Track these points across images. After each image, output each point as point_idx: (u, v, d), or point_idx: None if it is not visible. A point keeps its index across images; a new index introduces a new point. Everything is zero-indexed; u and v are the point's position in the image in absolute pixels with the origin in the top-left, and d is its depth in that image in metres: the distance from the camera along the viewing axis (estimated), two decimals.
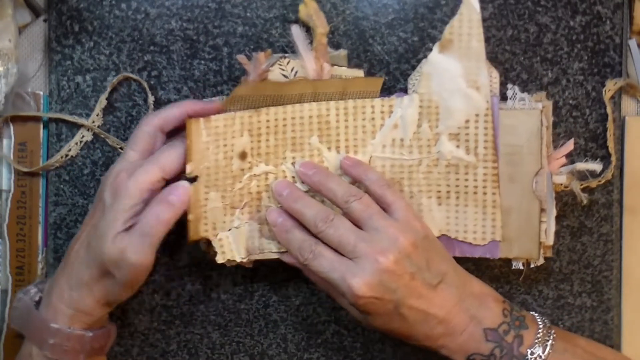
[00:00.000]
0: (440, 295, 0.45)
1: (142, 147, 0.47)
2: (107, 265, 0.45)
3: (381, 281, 0.43)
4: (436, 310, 0.45)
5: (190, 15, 0.54)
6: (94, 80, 0.54)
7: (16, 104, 0.54)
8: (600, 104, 0.55)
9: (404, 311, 0.45)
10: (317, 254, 0.45)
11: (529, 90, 0.54)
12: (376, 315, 0.45)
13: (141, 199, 0.45)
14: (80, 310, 0.46)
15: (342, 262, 0.44)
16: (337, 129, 0.50)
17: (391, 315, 0.45)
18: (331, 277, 0.44)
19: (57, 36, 0.54)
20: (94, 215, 0.48)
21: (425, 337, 0.46)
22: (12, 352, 0.54)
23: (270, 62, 0.51)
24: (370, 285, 0.43)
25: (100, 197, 0.47)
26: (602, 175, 0.55)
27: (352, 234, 0.45)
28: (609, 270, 0.56)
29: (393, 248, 0.44)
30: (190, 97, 0.54)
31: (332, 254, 0.45)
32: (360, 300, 0.44)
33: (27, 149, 0.54)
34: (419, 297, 0.45)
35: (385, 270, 0.43)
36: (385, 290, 0.44)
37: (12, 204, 0.54)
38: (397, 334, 0.46)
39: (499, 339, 0.45)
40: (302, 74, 0.51)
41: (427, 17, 0.54)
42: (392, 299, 0.44)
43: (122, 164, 0.47)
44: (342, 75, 0.52)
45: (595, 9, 0.54)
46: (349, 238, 0.45)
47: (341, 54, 0.53)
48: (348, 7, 0.54)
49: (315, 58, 0.51)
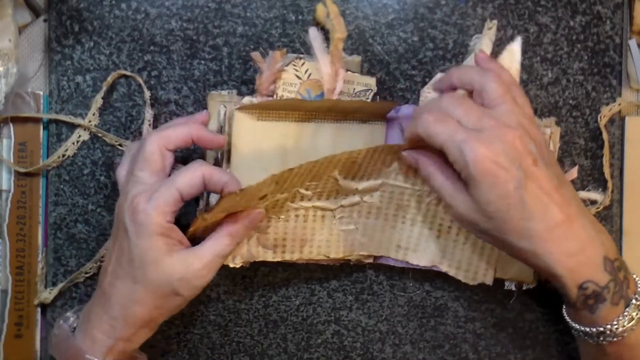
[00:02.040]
0: (561, 197, 0.41)
1: (153, 168, 0.46)
2: (175, 288, 0.45)
3: (504, 151, 0.40)
4: (556, 210, 0.41)
5: (190, 15, 0.54)
6: (94, 80, 0.54)
7: (16, 104, 0.54)
8: (600, 104, 0.55)
9: (525, 195, 0.40)
10: (438, 119, 0.42)
11: (529, 90, 0.54)
12: (494, 193, 0.40)
13: (166, 221, 0.44)
14: (123, 339, 0.46)
15: (467, 129, 0.41)
16: (360, 165, 0.50)
17: (510, 197, 0.40)
18: (453, 140, 0.41)
19: (57, 36, 0.54)
20: (120, 246, 0.46)
21: (539, 237, 0.41)
22: (12, 352, 0.54)
23: (285, 62, 0.51)
24: (496, 150, 0.40)
25: (120, 225, 0.46)
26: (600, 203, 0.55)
27: (477, 109, 0.42)
28: None
29: (519, 127, 0.41)
30: (190, 97, 0.54)
31: (454, 121, 0.42)
32: (483, 164, 0.40)
33: (27, 149, 0.54)
34: (540, 186, 0.41)
35: (510, 142, 0.40)
36: (510, 160, 0.40)
37: (12, 204, 0.54)
38: (510, 227, 0.41)
39: (614, 273, 0.41)
40: (315, 77, 0.51)
41: (427, 17, 0.54)
42: (515, 175, 0.40)
43: (136, 188, 0.45)
44: (355, 81, 0.52)
45: (595, 9, 0.54)
46: (473, 111, 0.42)
47: (355, 60, 0.53)
48: (348, 7, 0.54)
49: (330, 62, 0.50)
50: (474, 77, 0.44)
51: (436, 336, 0.57)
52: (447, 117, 0.42)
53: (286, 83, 0.51)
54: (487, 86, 0.43)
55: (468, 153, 0.40)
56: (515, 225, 0.41)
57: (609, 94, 0.55)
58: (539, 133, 0.43)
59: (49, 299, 0.55)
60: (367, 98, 0.52)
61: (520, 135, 0.41)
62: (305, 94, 0.51)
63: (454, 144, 0.41)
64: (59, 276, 0.55)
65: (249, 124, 0.49)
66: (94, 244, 0.55)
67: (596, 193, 0.55)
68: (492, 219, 0.41)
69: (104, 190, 0.55)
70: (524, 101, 0.45)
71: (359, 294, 0.56)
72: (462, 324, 0.56)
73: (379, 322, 0.56)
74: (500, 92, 0.43)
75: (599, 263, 0.41)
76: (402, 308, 0.56)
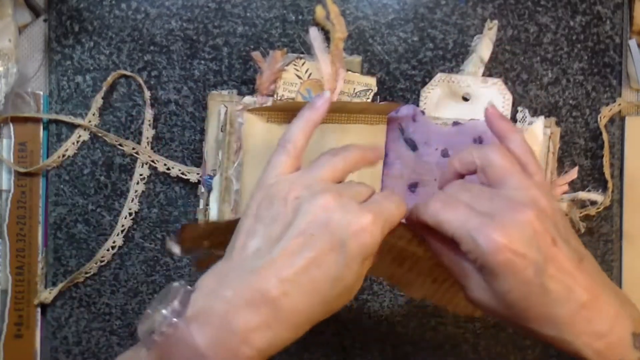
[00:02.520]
0: (584, 275, 0.38)
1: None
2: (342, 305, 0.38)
3: (522, 233, 0.37)
4: (581, 290, 0.37)
5: (190, 15, 0.54)
6: (94, 80, 0.54)
7: (16, 104, 0.54)
8: (600, 104, 0.55)
9: (546, 281, 0.37)
10: (447, 204, 0.39)
11: (529, 90, 0.54)
12: (513, 282, 0.37)
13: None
14: (269, 354, 0.36)
15: (479, 215, 0.38)
16: None
17: (530, 284, 0.37)
18: (465, 229, 0.37)
19: (57, 36, 0.54)
20: (320, 257, 0.36)
21: (564, 322, 0.38)
22: (12, 352, 0.54)
23: (285, 62, 0.51)
24: (512, 237, 0.36)
25: (332, 238, 0.36)
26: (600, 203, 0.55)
27: (486, 190, 0.39)
28: (609, 270, 0.56)
29: (534, 205, 0.38)
30: (190, 97, 0.54)
31: (465, 206, 0.38)
32: (500, 255, 0.36)
33: (27, 149, 0.54)
34: (561, 268, 0.37)
35: (527, 222, 0.37)
36: (528, 246, 0.37)
37: (12, 204, 0.54)
38: (532, 315, 0.38)
39: None
40: (316, 76, 0.51)
41: (427, 17, 0.54)
42: (534, 260, 0.36)
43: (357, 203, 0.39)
44: (355, 81, 0.52)
45: (595, 9, 0.54)
46: (483, 192, 0.39)
47: (355, 60, 0.53)
48: (348, 7, 0.54)
49: (331, 62, 0.50)
50: (473, 154, 0.41)
51: (436, 336, 0.57)
52: (456, 202, 0.39)
53: (287, 83, 0.51)
54: (489, 161, 0.40)
55: (482, 243, 0.37)
56: (538, 312, 0.38)
57: (609, 94, 0.55)
58: (554, 204, 0.40)
59: (49, 299, 0.55)
60: (367, 98, 0.52)
61: (536, 215, 0.37)
62: (305, 94, 0.52)
63: (466, 232, 0.37)
64: (59, 276, 0.55)
65: (259, 126, 0.50)
66: (94, 244, 0.55)
67: (596, 194, 0.54)
68: (512, 307, 0.38)
69: (104, 190, 0.55)
70: (536, 168, 0.41)
71: (359, 294, 0.56)
72: (462, 324, 0.56)
73: (379, 322, 0.56)
74: (505, 165, 0.40)
75: (628, 341, 0.38)
76: (402, 308, 0.56)
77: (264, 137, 0.50)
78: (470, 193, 0.39)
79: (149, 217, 0.55)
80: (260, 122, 0.50)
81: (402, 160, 0.53)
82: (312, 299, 0.36)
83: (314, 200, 0.37)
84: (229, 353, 0.34)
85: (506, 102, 0.52)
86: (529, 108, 0.54)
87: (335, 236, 0.36)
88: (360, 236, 0.36)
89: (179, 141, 0.54)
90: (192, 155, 0.54)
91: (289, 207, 0.38)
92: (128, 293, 0.55)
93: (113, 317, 0.55)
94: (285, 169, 0.40)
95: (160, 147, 0.54)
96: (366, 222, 0.36)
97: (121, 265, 0.55)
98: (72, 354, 0.56)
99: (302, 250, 0.36)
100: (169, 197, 0.55)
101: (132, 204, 0.54)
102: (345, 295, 0.37)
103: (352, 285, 0.37)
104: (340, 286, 0.36)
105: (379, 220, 0.37)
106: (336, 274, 0.36)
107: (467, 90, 0.53)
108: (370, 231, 0.36)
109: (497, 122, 0.43)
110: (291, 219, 0.37)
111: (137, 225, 0.55)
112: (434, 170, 0.53)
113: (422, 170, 0.53)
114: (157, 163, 0.54)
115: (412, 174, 0.54)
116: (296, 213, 0.37)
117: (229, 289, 0.36)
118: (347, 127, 0.51)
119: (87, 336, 0.56)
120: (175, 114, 0.54)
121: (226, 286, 0.36)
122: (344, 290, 0.37)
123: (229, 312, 0.35)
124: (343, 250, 0.36)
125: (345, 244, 0.36)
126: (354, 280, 0.37)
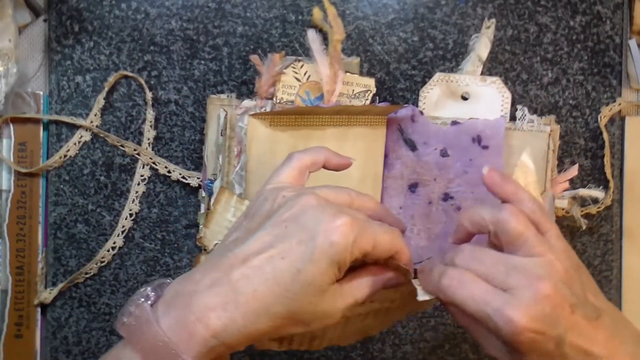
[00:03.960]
0: (601, 332, 0.39)
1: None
2: (311, 319, 0.38)
3: (543, 312, 0.37)
4: (598, 349, 0.38)
5: (190, 15, 0.54)
6: (94, 80, 0.54)
7: (16, 104, 0.54)
8: (600, 104, 0.55)
9: (566, 350, 0.38)
10: (464, 282, 0.38)
11: (529, 90, 0.54)
12: (534, 355, 0.38)
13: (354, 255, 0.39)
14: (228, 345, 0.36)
15: (496, 292, 0.37)
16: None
17: (552, 355, 0.38)
18: (484, 310, 0.37)
19: (57, 36, 0.54)
20: (287, 247, 0.37)
21: None
22: (12, 352, 0.54)
23: (284, 65, 0.51)
24: (533, 317, 0.36)
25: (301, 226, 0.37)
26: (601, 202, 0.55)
27: (501, 262, 0.39)
28: (609, 270, 0.56)
29: (550, 275, 0.38)
30: (190, 97, 0.54)
31: (482, 283, 0.38)
32: (522, 336, 0.36)
33: (27, 149, 0.54)
34: (580, 333, 0.38)
35: (546, 297, 0.37)
36: (549, 323, 0.37)
37: (12, 204, 0.54)
38: None
39: None
40: (315, 79, 0.51)
41: (427, 17, 0.54)
42: (555, 335, 0.37)
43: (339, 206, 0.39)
44: (354, 82, 0.52)
45: (595, 9, 0.54)
46: (498, 265, 0.38)
47: (354, 62, 0.53)
48: (348, 7, 0.54)
49: (329, 64, 0.50)
50: (485, 217, 0.40)
51: (436, 336, 0.57)
52: (471, 279, 0.38)
53: (285, 85, 0.51)
54: (503, 227, 0.39)
55: (504, 326, 0.36)
56: None
57: (609, 94, 0.55)
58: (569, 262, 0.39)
59: (49, 299, 0.55)
60: (366, 99, 0.52)
61: (553, 286, 0.37)
62: (304, 96, 0.52)
63: (484, 312, 0.37)
64: (59, 276, 0.55)
65: (262, 130, 0.50)
66: (94, 244, 0.55)
67: (597, 190, 0.54)
68: None
69: (104, 190, 0.55)
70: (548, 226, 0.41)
71: None
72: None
73: None
74: (519, 230, 0.39)
75: None
76: None
77: (267, 142, 0.50)
78: (484, 265, 0.39)
79: (149, 217, 0.55)
80: (263, 127, 0.50)
81: (402, 161, 0.53)
82: (271, 288, 0.36)
83: (297, 199, 0.38)
84: (186, 334, 0.35)
85: (505, 101, 0.52)
86: (529, 108, 0.54)
87: (305, 230, 0.36)
88: (330, 234, 0.36)
89: (179, 141, 0.54)
90: (192, 155, 0.54)
91: (275, 204, 0.39)
92: (128, 293, 0.55)
93: (113, 317, 0.55)
94: (286, 178, 0.41)
95: (160, 147, 0.54)
96: (339, 223, 0.36)
97: (121, 265, 0.55)
98: (72, 354, 0.56)
99: (272, 240, 0.37)
100: (169, 197, 0.55)
101: (132, 205, 0.54)
102: (313, 299, 0.37)
103: (318, 287, 0.36)
104: (302, 280, 0.36)
105: (355, 227, 0.36)
106: (299, 267, 0.36)
107: (466, 90, 0.53)
108: (342, 232, 0.36)
109: (499, 186, 0.42)
110: (271, 213, 0.38)
111: (137, 225, 0.55)
112: (433, 170, 0.53)
113: (422, 170, 0.53)
114: (158, 165, 0.54)
115: (412, 174, 0.54)
116: (279, 208, 0.38)
117: (199, 272, 0.37)
118: (347, 131, 0.51)
119: (87, 336, 0.56)
120: (175, 114, 0.54)
121: (198, 270, 0.37)
122: (307, 287, 0.36)
123: (194, 293, 0.36)
124: (311, 244, 0.36)
125: (313, 238, 0.36)
126: (319, 281, 0.36)
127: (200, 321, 0.35)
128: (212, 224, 0.47)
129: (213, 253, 0.38)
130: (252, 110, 0.50)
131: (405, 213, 0.54)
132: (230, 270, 0.36)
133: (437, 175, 0.53)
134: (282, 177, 0.41)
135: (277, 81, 0.51)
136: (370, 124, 0.52)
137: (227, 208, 0.47)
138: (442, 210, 0.53)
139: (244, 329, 0.36)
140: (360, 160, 0.52)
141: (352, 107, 0.51)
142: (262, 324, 0.36)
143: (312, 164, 0.42)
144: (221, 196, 0.47)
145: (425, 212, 0.54)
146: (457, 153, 0.53)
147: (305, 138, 0.51)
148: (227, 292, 0.36)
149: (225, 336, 0.35)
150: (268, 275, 0.36)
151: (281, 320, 0.36)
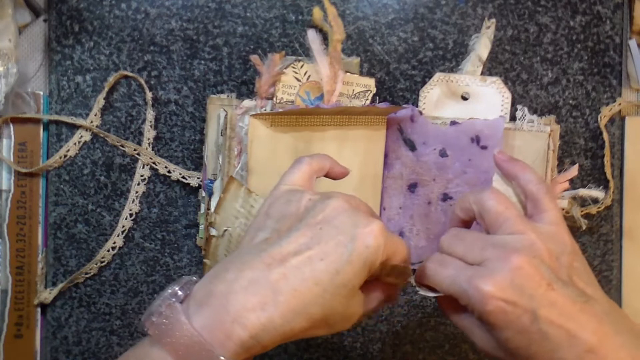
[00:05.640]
0: (588, 317, 0.37)
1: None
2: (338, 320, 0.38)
3: (513, 281, 0.36)
4: (586, 334, 0.36)
5: (190, 15, 0.54)
6: (94, 80, 0.54)
7: (16, 104, 0.54)
8: (600, 104, 0.55)
9: (544, 327, 0.36)
10: (439, 263, 0.40)
11: (529, 90, 0.54)
12: (510, 331, 0.37)
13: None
14: (263, 345, 0.36)
15: (467, 267, 0.38)
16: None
17: (528, 332, 0.36)
18: (459, 285, 0.38)
19: (57, 36, 0.54)
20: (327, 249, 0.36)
21: None
22: (12, 352, 0.54)
23: (284, 65, 0.51)
24: (500, 285, 0.36)
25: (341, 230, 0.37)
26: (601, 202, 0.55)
27: (480, 239, 0.39)
28: (609, 270, 0.56)
29: (527, 250, 0.38)
30: (190, 97, 0.54)
31: (456, 261, 0.39)
32: (489, 305, 0.36)
33: (27, 149, 0.54)
34: (560, 311, 0.36)
35: (517, 268, 0.36)
36: (519, 293, 0.36)
37: (12, 204, 0.54)
38: None
39: None
40: (315, 79, 0.51)
41: (427, 17, 0.54)
42: (528, 307, 0.36)
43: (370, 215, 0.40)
44: (354, 82, 0.52)
45: (595, 9, 0.54)
46: (476, 242, 0.39)
47: (354, 62, 0.53)
48: (348, 7, 0.54)
49: (329, 64, 0.51)
50: (470, 200, 0.42)
51: (436, 336, 0.57)
52: (448, 259, 0.40)
53: (286, 85, 0.51)
54: (484, 207, 0.41)
55: (472, 294, 0.37)
56: (543, 359, 0.37)
57: (609, 94, 0.55)
58: (555, 246, 0.39)
59: (49, 299, 0.55)
60: (366, 99, 0.52)
61: (527, 260, 0.37)
62: (304, 96, 0.52)
63: (459, 287, 0.38)
64: (59, 276, 0.55)
65: (263, 131, 0.50)
66: (94, 244, 0.55)
67: (597, 190, 0.54)
68: (516, 355, 0.37)
69: (104, 190, 0.55)
70: (548, 205, 0.41)
71: None
72: None
73: (378, 322, 0.56)
74: (499, 210, 0.40)
75: None
76: (402, 308, 0.56)
77: (268, 142, 0.50)
78: (464, 243, 0.40)
79: (149, 217, 0.55)
80: (264, 127, 0.50)
81: (402, 161, 0.53)
82: (310, 288, 0.36)
83: (327, 201, 0.38)
84: (222, 334, 0.34)
85: (505, 101, 0.52)
86: (529, 108, 0.54)
87: (343, 232, 0.36)
88: (368, 237, 0.36)
89: (179, 141, 0.54)
90: (192, 155, 0.54)
91: (302, 206, 0.39)
92: (128, 293, 0.55)
93: (113, 317, 0.55)
94: (298, 180, 0.41)
95: (160, 147, 0.55)
96: (375, 227, 0.37)
97: (121, 265, 0.55)
98: (72, 354, 0.56)
99: (309, 242, 0.36)
100: (169, 197, 0.55)
101: (132, 205, 0.54)
102: (344, 301, 0.37)
103: (351, 288, 0.37)
104: (339, 281, 0.36)
105: (385, 232, 0.37)
106: (338, 268, 0.36)
107: (466, 90, 0.53)
108: (376, 237, 0.36)
109: (506, 165, 0.44)
110: (302, 216, 0.38)
111: (137, 225, 0.55)
112: (432, 170, 0.53)
113: (421, 171, 0.53)
114: (158, 165, 0.54)
115: (411, 174, 0.54)
116: (308, 211, 0.38)
117: (231, 271, 0.36)
118: (347, 131, 0.51)
119: (87, 336, 0.56)
120: (175, 114, 0.54)
121: (229, 269, 0.36)
122: (343, 289, 0.36)
123: (228, 293, 0.35)
124: (349, 246, 0.36)
125: (353, 240, 0.36)
126: (353, 283, 0.36)
127: (237, 322, 0.35)
128: (222, 211, 0.47)
129: (240, 252, 0.38)
130: (253, 110, 0.50)
131: (405, 213, 0.54)
132: (267, 270, 0.36)
133: (436, 175, 0.53)
134: (295, 179, 0.41)
135: (277, 81, 0.51)
136: (371, 125, 0.52)
137: (235, 198, 0.47)
138: (441, 210, 0.53)
139: (281, 328, 0.35)
140: (360, 160, 0.52)
141: (353, 108, 0.51)
142: (298, 323, 0.36)
143: (319, 169, 0.43)
144: (230, 185, 0.47)
145: (425, 212, 0.54)
146: (456, 153, 0.53)
147: (305, 138, 0.51)
148: (266, 291, 0.35)
149: (262, 336, 0.35)
150: (306, 275, 0.36)
151: (314, 320, 0.36)
